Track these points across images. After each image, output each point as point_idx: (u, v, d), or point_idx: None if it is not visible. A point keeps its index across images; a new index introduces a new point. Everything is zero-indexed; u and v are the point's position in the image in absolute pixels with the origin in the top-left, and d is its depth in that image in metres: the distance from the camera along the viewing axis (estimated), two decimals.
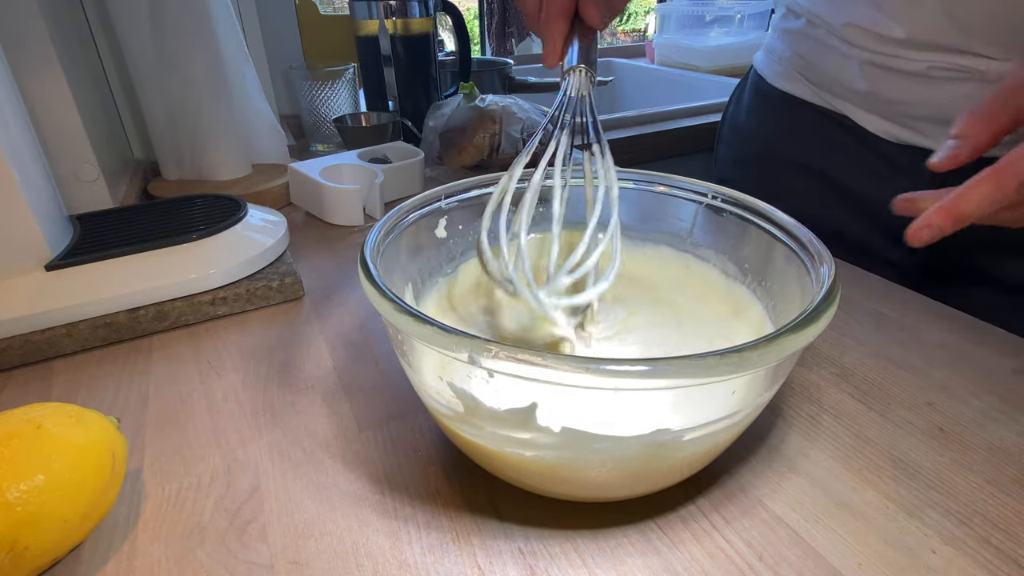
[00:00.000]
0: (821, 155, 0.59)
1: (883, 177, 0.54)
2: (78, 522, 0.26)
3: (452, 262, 0.40)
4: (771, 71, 0.63)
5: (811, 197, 0.60)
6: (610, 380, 0.22)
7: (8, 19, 0.50)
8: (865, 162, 0.56)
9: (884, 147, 0.53)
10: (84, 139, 0.57)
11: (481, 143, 0.71)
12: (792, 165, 0.61)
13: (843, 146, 0.57)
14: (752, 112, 0.66)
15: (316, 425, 0.35)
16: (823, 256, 0.29)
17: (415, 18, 0.78)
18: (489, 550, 0.27)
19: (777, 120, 0.63)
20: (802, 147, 0.60)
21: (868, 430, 0.33)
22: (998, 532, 0.27)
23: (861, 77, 0.52)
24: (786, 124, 0.62)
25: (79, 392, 0.38)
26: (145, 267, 0.44)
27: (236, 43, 0.67)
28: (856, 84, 0.52)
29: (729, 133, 0.71)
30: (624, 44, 1.83)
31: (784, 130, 0.62)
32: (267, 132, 0.72)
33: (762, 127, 0.65)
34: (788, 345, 0.23)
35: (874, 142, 0.54)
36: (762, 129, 0.65)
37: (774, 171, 0.63)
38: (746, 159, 0.68)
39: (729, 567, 0.26)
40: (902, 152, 0.52)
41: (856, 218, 0.57)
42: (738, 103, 0.69)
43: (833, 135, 0.57)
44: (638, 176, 0.40)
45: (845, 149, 0.56)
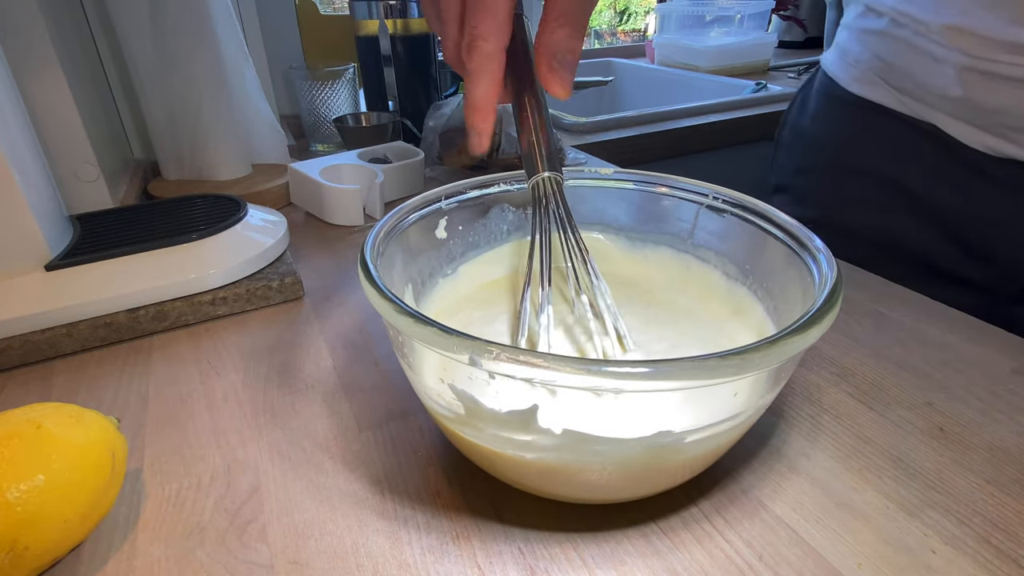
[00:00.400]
0: (900, 166, 0.55)
1: (972, 192, 0.51)
2: (78, 522, 0.26)
3: (452, 263, 0.40)
4: (846, 74, 0.58)
5: (885, 210, 0.56)
6: (611, 382, 0.22)
7: (8, 19, 0.50)
8: (952, 175, 0.52)
9: (974, 157, 0.49)
10: (84, 139, 0.57)
11: None
12: (865, 176, 0.57)
13: (927, 157, 0.52)
14: (820, 118, 0.62)
15: (316, 425, 0.35)
16: (825, 257, 0.29)
17: (415, 18, 0.78)
18: (489, 551, 0.27)
19: (851, 127, 0.58)
20: (879, 157, 0.56)
21: (868, 430, 0.33)
22: (998, 532, 0.27)
23: (957, 83, 0.48)
24: (861, 132, 0.57)
25: (79, 392, 0.38)
26: (145, 267, 0.44)
27: (236, 43, 0.67)
28: (949, 90, 0.48)
29: (791, 139, 0.66)
30: (624, 44, 1.83)
31: (859, 138, 0.58)
32: (267, 132, 0.72)
33: (833, 135, 0.60)
34: (790, 347, 0.23)
35: (965, 154, 0.50)
36: (833, 137, 0.60)
37: (845, 182, 0.59)
38: (811, 168, 0.63)
39: (729, 567, 0.26)
40: (997, 165, 0.48)
41: (937, 235, 0.54)
42: (803, 107, 0.65)
43: (916, 145, 0.53)
44: (638, 176, 0.40)
45: (929, 160, 0.52)
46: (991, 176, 0.50)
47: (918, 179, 0.54)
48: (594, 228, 0.43)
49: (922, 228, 0.54)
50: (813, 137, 0.63)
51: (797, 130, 0.66)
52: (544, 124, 0.36)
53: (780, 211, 0.34)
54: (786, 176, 0.67)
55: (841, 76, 0.59)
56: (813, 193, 0.63)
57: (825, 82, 0.62)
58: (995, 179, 0.49)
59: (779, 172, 0.68)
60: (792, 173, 0.66)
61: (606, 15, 4.18)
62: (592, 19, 3.69)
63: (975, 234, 0.51)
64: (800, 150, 0.65)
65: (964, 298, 0.46)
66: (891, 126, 0.55)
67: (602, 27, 4.17)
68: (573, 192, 0.40)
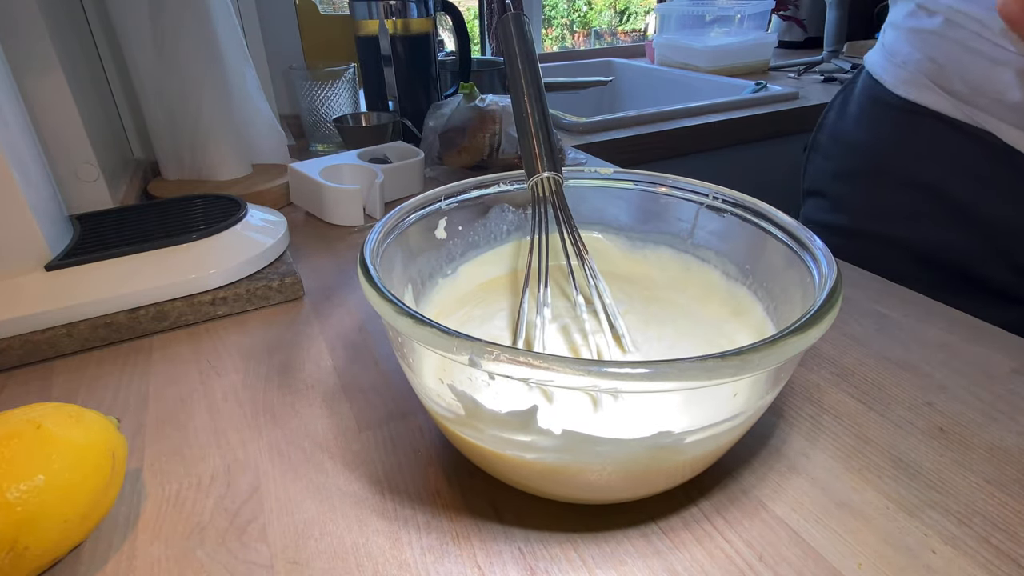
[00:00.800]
0: (948, 174, 0.52)
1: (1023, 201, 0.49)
2: (78, 522, 0.26)
3: (452, 263, 0.40)
4: (893, 77, 0.56)
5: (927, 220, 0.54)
6: (611, 382, 0.22)
7: (8, 19, 0.50)
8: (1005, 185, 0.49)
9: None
10: (84, 139, 0.57)
11: (481, 143, 0.71)
12: (909, 182, 0.55)
13: (979, 165, 0.50)
14: (863, 121, 0.59)
15: (316, 425, 0.35)
16: (825, 257, 0.29)
17: (415, 18, 0.78)
18: (489, 551, 0.27)
19: (896, 132, 0.56)
20: (925, 163, 0.53)
21: (868, 430, 0.33)
22: (998, 532, 0.27)
23: (1018, 87, 0.45)
24: (907, 137, 0.55)
25: (79, 392, 0.38)
26: (145, 267, 0.44)
27: (236, 43, 0.67)
28: (1008, 95, 0.46)
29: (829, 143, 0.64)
30: (624, 44, 1.83)
31: (904, 143, 0.55)
32: (267, 132, 0.72)
33: (876, 140, 0.58)
34: (790, 347, 0.23)
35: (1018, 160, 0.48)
36: (876, 142, 0.58)
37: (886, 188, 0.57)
38: (851, 173, 0.61)
39: (729, 567, 0.26)
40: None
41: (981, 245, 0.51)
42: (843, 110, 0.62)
43: (967, 152, 0.51)
44: (638, 176, 0.40)
45: (981, 169, 0.50)
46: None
47: (967, 188, 0.51)
48: (594, 228, 0.43)
49: (968, 240, 0.52)
50: (854, 141, 0.60)
51: (836, 134, 0.63)
52: (544, 124, 0.36)
53: (778, 210, 0.34)
54: (821, 181, 0.64)
55: (887, 78, 0.56)
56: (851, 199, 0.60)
57: (869, 84, 0.59)
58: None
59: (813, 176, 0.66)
60: (829, 178, 0.63)
61: (606, 15, 4.19)
62: (592, 19, 3.69)
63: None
64: (838, 154, 0.62)
65: (1009, 315, 0.44)
66: (941, 132, 0.52)
67: (602, 27, 4.18)
68: (573, 192, 0.40)
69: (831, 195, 0.63)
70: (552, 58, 1.56)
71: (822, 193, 0.64)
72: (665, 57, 1.48)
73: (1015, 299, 0.51)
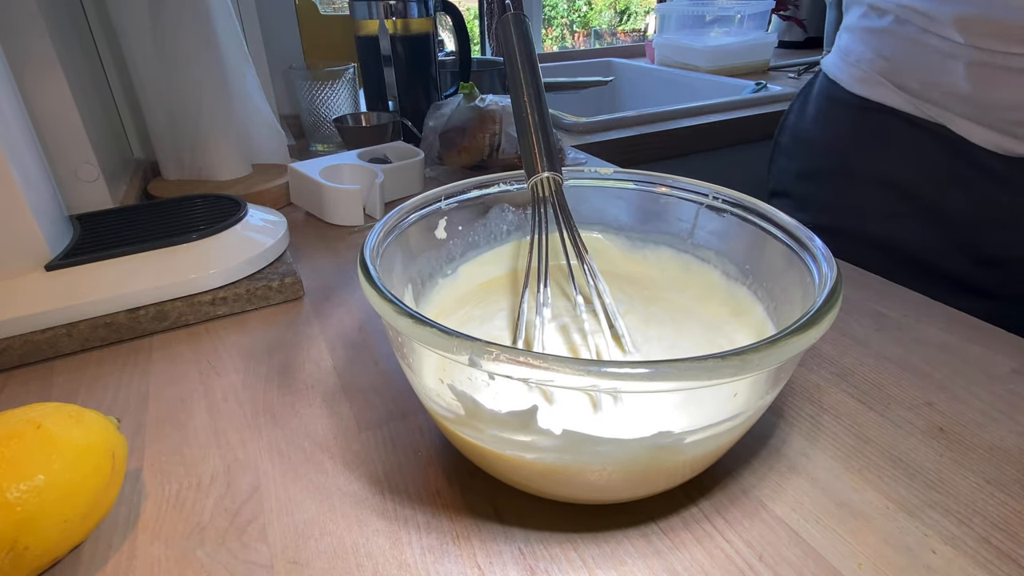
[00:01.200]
0: (906, 168, 0.53)
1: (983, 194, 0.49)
2: (78, 522, 0.26)
3: (452, 263, 0.40)
4: (848, 76, 0.57)
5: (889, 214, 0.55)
6: (611, 382, 0.22)
7: (8, 19, 0.50)
8: (961, 177, 0.50)
9: (984, 158, 0.48)
10: (84, 139, 0.57)
11: (481, 143, 0.71)
12: (870, 179, 0.56)
13: (934, 159, 0.51)
14: (821, 121, 0.61)
15: (316, 425, 0.35)
16: (825, 257, 0.29)
17: (415, 18, 0.78)
18: (489, 551, 0.27)
19: (854, 130, 0.57)
20: (883, 159, 0.55)
21: (868, 430, 0.33)
22: (998, 532, 0.27)
23: (966, 80, 0.46)
24: (866, 135, 0.56)
25: (79, 392, 0.38)
26: (145, 267, 0.44)
27: (236, 43, 0.67)
28: (959, 88, 0.47)
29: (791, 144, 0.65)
30: (624, 44, 1.83)
31: (862, 140, 0.57)
32: (267, 132, 0.72)
33: (835, 138, 0.59)
34: (790, 347, 0.23)
35: (973, 153, 0.49)
36: (835, 140, 0.59)
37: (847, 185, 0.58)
38: (813, 172, 0.62)
39: (729, 567, 0.26)
40: (1009, 166, 0.47)
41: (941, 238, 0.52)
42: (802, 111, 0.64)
43: (923, 146, 0.52)
44: (638, 176, 0.40)
45: (937, 162, 0.51)
46: (1002, 177, 0.48)
47: (924, 182, 0.53)
48: (594, 228, 0.43)
49: (928, 232, 0.53)
50: (814, 141, 0.62)
51: (797, 134, 0.64)
52: (544, 124, 0.36)
53: (777, 209, 0.34)
54: (785, 181, 0.66)
55: (843, 78, 0.58)
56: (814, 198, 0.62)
57: (826, 85, 0.61)
58: (1006, 180, 0.48)
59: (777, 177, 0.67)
60: (792, 178, 0.65)
61: (606, 15, 4.19)
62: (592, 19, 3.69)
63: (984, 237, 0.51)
64: (800, 154, 0.64)
65: (971, 303, 0.45)
66: (896, 127, 0.53)
67: (602, 27, 4.18)
68: (573, 192, 0.40)
69: (795, 194, 0.64)
70: (552, 58, 1.56)
71: (787, 193, 0.65)
72: (665, 57, 1.48)
73: (975, 289, 0.52)
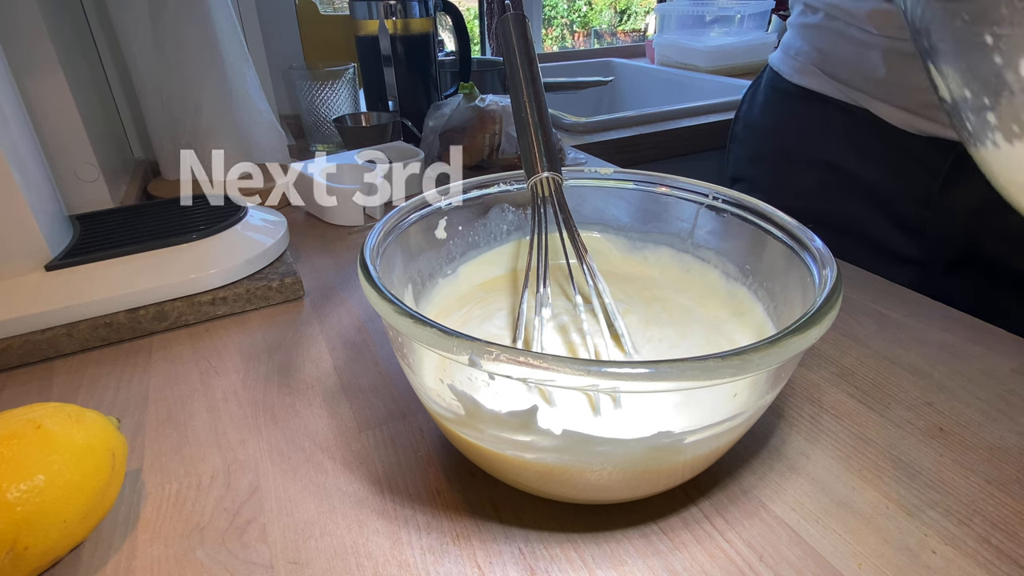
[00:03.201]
0: (840, 150, 0.59)
1: (902, 170, 0.54)
2: (78, 522, 0.26)
3: (452, 263, 0.40)
4: (788, 67, 0.63)
5: (829, 193, 0.60)
6: (611, 382, 0.22)
7: (8, 19, 0.50)
8: (883, 156, 0.55)
9: (902, 139, 0.53)
10: (84, 139, 0.57)
11: (481, 143, 0.71)
12: (810, 161, 0.61)
13: (861, 140, 0.56)
14: (768, 109, 0.66)
15: (316, 425, 0.35)
16: (825, 257, 0.29)
17: (415, 18, 0.78)
18: (489, 551, 0.27)
19: (794, 116, 0.63)
20: (820, 143, 0.60)
21: (868, 430, 0.33)
22: (998, 532, 0.27)
23: (882, 65, 0.51)
24: (804, 120, 0.62)
25: (79, 392, 0.38)
26: (145, 267, 0.44)
27: (236, 43, 0.67)
28: (876, 73, 0.52)
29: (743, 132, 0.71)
30: (624, 44, 1.83)
31: (802, 126, 0.62)
32: (267, 132, 0.72)
33: (778, 124, 0.65)
34: (790, 347, 0.23)
35: (893, 134, 0.53)
36: (778, 126, 0.65)
37: (791, 168, 0.63)
38: (762, 157, 0.68)
39: (730, 567, 0.26)
40: (921, 144, 0.52)
41: (874, 213, 0.57)
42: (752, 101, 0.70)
43: (851, 129, 0.57)
44: (638, 176, 0.40)
45: (863, 143, 0.56)
46: (916, 155, 0.53)
47: (853, 161, 0.58)
48: (594, 228, 0.43)
49: (861, 208, 0.58)
50: (761, 128, 0.67)
51: (748, 123, 0.70)
52: (543, 124, 0.36)
53: (777, 209, 0.34)
54: (740, 167, 0.71)
55: (785, 69, 0.64)
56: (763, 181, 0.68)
57: (771, 76, 0.67)
58: (920, 159, 0.53)
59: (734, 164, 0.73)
60: (745, 163, 0.70)
61: (606, 15, 4.19)
62: (592, 19, 3.68)
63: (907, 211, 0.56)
64: (750, 141, 0.70)
65: (903, 273, 0.49)
66: (829, 112, 0.59)
67: (602, 27, 4.18)
68: (573, 192, 0.40)
69: (748, 178, 0.70)
70: (552, 58, 1.56)
71: (742, 178, 0.71)
72: (665, 57, 1.47)
73: (908, 259, 0.56)
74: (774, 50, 0.68)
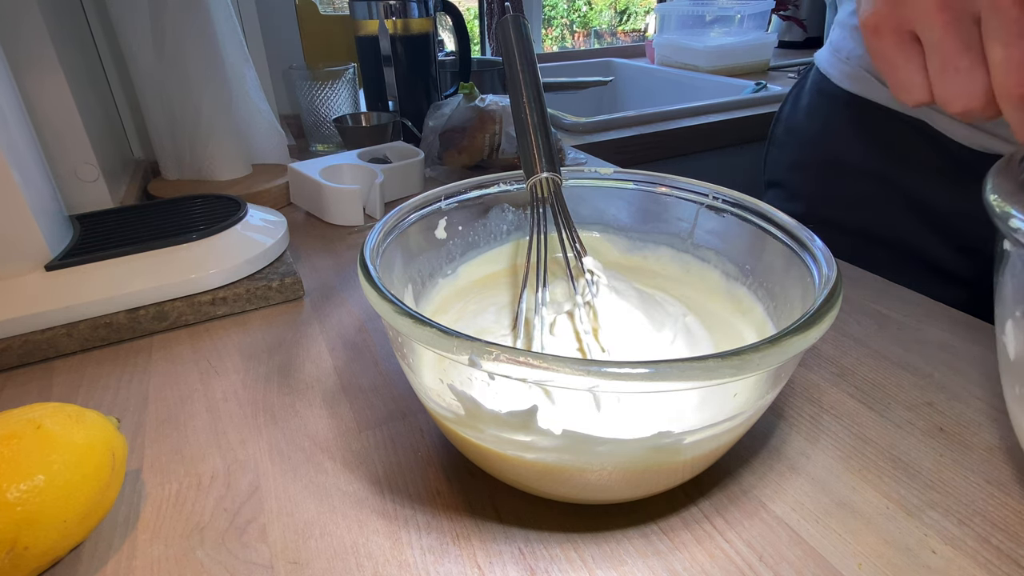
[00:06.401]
0: (890, 161, 0.56)
1: (961, 188, 0.51)
2: (78, 522, 0.26)
3: (452, 263, 0.40)
4: (838, 71, 0.59)
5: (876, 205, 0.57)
6: (611, 383, 0.22)
7: (8, 19, 0.50)
8: (940, 170, 0.52)
9: (966, 156, 0.50)
10: (84, 139, 0.57)
11: (481, 143, 0.71)
12: (857, 171, 0.58)
13: (916, 152, 0.54)
14: (813, 114, 0.63)
15: (316, 425, 0.35)
16: (825, 257, 0.29)
17: (415, 18, 0.78)
18: (489, 551, 0.27)
19: (843, 123, 0.59)
20: (871, 153, 0.57)
21: (868, 430, 0.33)
22: (998, 532, 0.27)
23: None
24: (853, 127, 0.58)
25: (79, 392, 0.38)
26: (145, 267, 0.44)
27: (236, 43, 0.67)
28: None
29: (784, 136, 0.68)
30: (624, 44, 1.83)
31: (851, 134, 0.59)
32: (267, 132, 0.72)
33: (824, 129, 0.62)
34: (790, 347, 0.23)
35: (955, 150, 0.51)
36: (824, 132, 0.62)
37: (836, 176, 0.60)
38: (804, 163, 0.65)
39: (730, 568, 0.26)
40: (982, 160, 0.49)
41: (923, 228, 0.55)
42: (795, 104, 0.66)
43: (906, 140, 0.54)
44: (638, 176, 0.40)
45: (918, 155, 0.53)
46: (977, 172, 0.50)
47: (907, 174, 0.55)
48: (594, 228, 0.43)
49: (910, 223, 0.56)
50: (805, 133, 0.64)
51: (790, 126, 0.67)
52: (543, 125, 0.36)
53: (777, 209, 0.34)
54: (778, 172, 0.69)
55: (833, 73, 0.60)
56: (804, 188, 0.65)
57: (818, 79, 0.63)
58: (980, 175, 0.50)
59: (772, 168, 0.70)
60: (785, 169, 0.68)
61: (606, 15, 4.19)
62: (592, 19, 3.68)
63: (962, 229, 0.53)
64: (792, 146, 0.66)
65: (951, 292, 0.47)
66: (881, 122, 0.56)
67: (602, 27, 4.18)
68: (573, 192, 0.40)
69: (788, 185, 0.67)
70: (552, 58, 1.56)
71: (780, 183, 0.68)
72: (665, 57, 1.47)
73: (953, 277, 0.54)
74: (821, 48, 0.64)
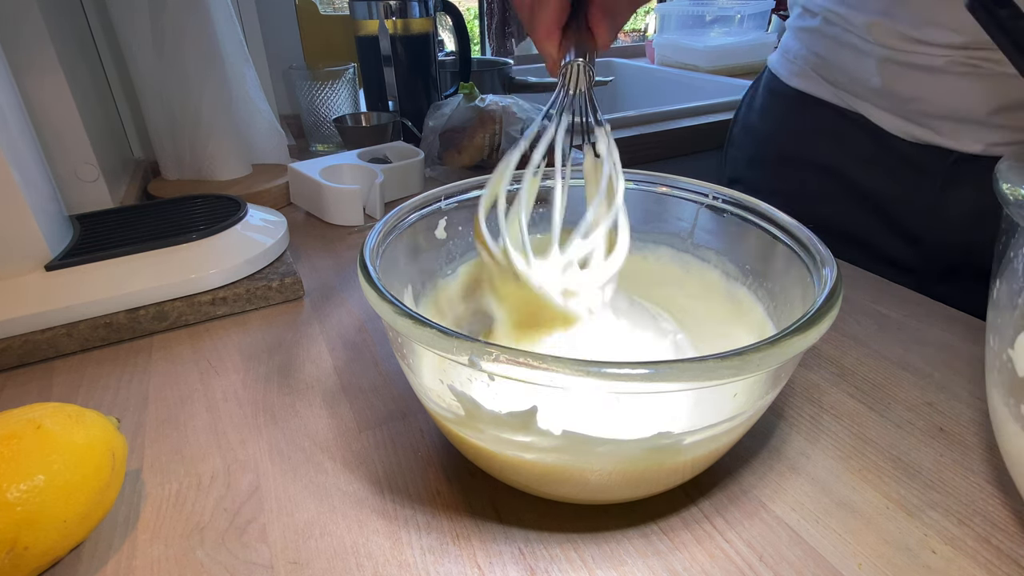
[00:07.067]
0: (836, 154, 0.59)
1: (898, 176, 0.54)
2: (78, 522, 0.26)
3: (452, 263, 0.40)
4: (786, 70, 0.63)
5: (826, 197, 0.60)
6: (611, 383, 0.22)
7: (8, 19, 0.50)
8: (880, 161, 0.55)
9: (899, 146, 0.53)
10: (84, 139, 0.57)
11: (481, 143, 0.71)
12: (807, 165, 0.61)
13: (858, 145, 0.56)
14: (766, 112, 0.66)
15: (316, 425, 0.35)
16: (824, 257, 0.29)
17: (415, 18, 0.78)
18: (489, 551, 0.27)
19: (792, 120, 0.63)
20: (817, 146, 0.60)
21: (868, 430, 0.33)
22: (998, 532, 0.27)
23: (877, 74, 0.51)
24: (801, 123, 0.62)
25: (79, 392, 0.38)
26: (145, 267, 0.44)
27: (236, 43, 0.67)
28: (872, 81, 0.52)
29: (741, 134, 0.71)
30: (624, 44, 1.83)
31: (799, 130, 0.62)
32: (267, 132, 0.72)
33: (776, 127, 0.65)
34: (790, 348, 0.23)
35: (889, 141, 0.54)
36: (776, 129, 0.65)
37: (788, 171, 0.63)
38: (759, 159, 0.68)
39: (730, 568, 0.26)
40: (917, 151, 0.52)
41: (871, 218, 0.57)
42: (751, 104, 0.70)
43: (848, 134, 0.57)
44: (639, 176, 0.40)
45: (860, 148, 0.56)
46: (914, 163, 0.53)
47: (851, 166, 0.58)
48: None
49: (857, 212, 0.58)
50: (759, 131, 0.67)
51: (746, 125, 0.70)
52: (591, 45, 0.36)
53: (777, 209, 0.34)
54: (738, 169, 0.71)
55: (782, 72, 0.63)
56: (761, 184, 0.67)
57: (769, 79, 0.66)
58: (917, 166, 0.53)
59: (731, 165, 0.73)
60: (743, 165, 0.70)
61: None
62: None
63: (904, 218, 0.56)
64: (748, 143, 0.69)
65: (898, 278, 0.49)
66: (826, 117, 0.59)
67: None
68: (573, 192, 0.40)
69: (746, 181, 0.70)
70: None
71: (739, 180, 0.71)
72: (665, 57, 1.47)
73: (904, 265, 0.56)
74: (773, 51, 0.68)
